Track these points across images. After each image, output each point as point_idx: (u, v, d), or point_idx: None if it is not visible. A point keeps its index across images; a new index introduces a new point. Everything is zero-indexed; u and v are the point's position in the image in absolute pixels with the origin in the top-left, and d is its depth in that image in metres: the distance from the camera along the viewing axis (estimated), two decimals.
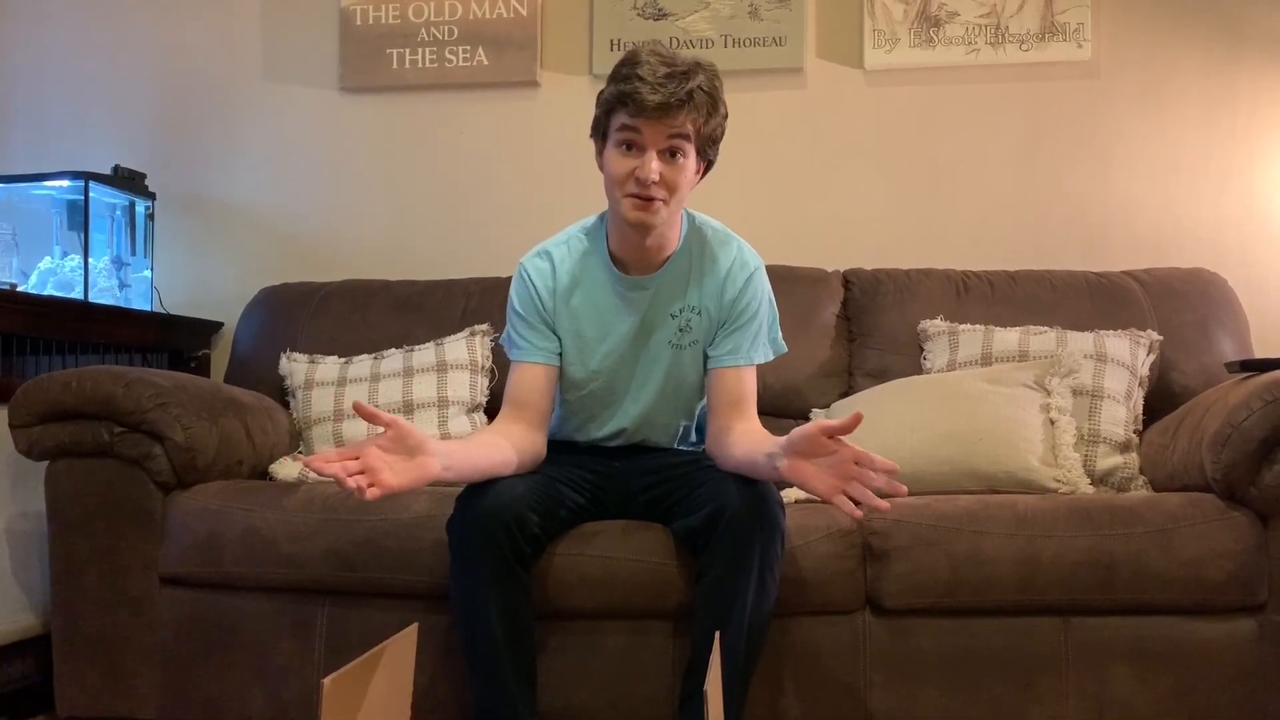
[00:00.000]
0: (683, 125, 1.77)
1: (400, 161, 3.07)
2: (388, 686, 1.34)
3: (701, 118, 1.78)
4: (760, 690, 1.86)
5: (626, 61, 1.79)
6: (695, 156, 1.83)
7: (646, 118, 1.76)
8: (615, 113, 1.80)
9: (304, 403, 2.49)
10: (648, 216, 1.82)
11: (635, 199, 1.81)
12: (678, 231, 1.93)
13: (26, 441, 2.10)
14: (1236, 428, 1.88)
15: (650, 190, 1.79)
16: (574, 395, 2.00)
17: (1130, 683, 1.89)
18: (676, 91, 1.74)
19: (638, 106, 1.75)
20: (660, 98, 1.73)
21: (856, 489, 1.59)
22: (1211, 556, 1.87)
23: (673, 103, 1.74)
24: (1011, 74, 2.87)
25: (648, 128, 1.77)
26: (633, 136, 1.79)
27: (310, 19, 3.09)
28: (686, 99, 1.75)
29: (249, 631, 2.04)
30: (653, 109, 1.74)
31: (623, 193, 1.82)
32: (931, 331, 2.50)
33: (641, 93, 1.74)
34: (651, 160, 1.78)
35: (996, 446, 2.15)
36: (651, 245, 1.89)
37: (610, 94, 1.80)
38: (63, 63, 3.18)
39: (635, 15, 2.95)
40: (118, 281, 2.85)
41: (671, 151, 1.79)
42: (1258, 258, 2.78)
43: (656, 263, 1.92)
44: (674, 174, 1.80)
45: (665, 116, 1.75)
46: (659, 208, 1.81)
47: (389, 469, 1.59)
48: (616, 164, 1.81)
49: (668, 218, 1.84)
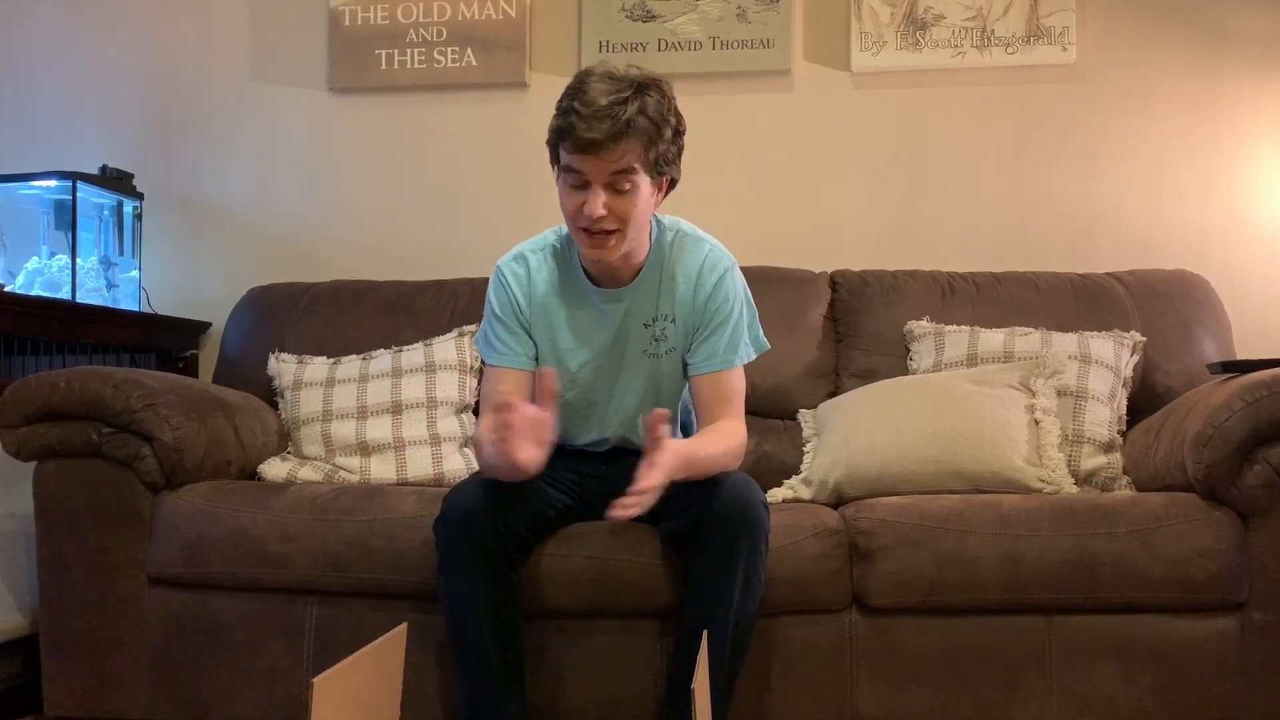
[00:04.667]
0: (622, 159, 1.71)
1: (389, 162, 3.07)
2: (377, 686, 1.35)
3: (641, 146, 1.72)
4: (747, 689, 1.87)
5: (569, 90, 1.74)
6: (649, 181, 1.77)
7: (584, 154, 1.71)
8: (561, 145, 1.75)
9: (292, 403, 2.49)
10: (603, 253, 1.79)
11: (587, 234, 1.78)
12: (646, 244, 1.90)
13: (14, 442, 2.10)
14: (1218, 428, 1.90)
15: (600, 225, 1.75)
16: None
17: (1113, 680, 1.90)
18: (614, 126, 1.68)
19: (575, 143, 1.70)
20: (595, 134, 1.68)
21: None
22: (1193, 555, 1.89)
23: (607, 139, 1.68)
24: (997, 77, 2.89)
25: (588, 164, 1.72)
26: (577, 175, 1.74)
27: (299, 19, 3.09)
28: (625, 130, 1.69)
29: (238, 631, 2.05)
30: (589, 145, 1.69)
31: (575, 227, 1.80)
32: (918, 332, 2.52)
33: (577, 129, 1.69)
34: (597, 197, 1.73)
35: (982, 447, 2.17)
36: (618, 264, 1.87)
37: (553, 126, 1.76)
38: (51, 62, 3.17)
39: (624, 17, 2.96)
40: (105, 282, 2.85)
41: (618, 185, 1.74)
42: (1240, 259, 2.81)
43: (627, 276, 1.90)
44: (624, 205, 1.75)
45: (603, 153, 1.70)
46: (613, 240, 1.78)
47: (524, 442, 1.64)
48: (566, 200, 1.78)
49: (627, 246, 1.81)
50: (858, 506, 2.04)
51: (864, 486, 2.18)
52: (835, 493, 2.22)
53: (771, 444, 2.48)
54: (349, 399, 2.45)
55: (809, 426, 2.46)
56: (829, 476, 2.23)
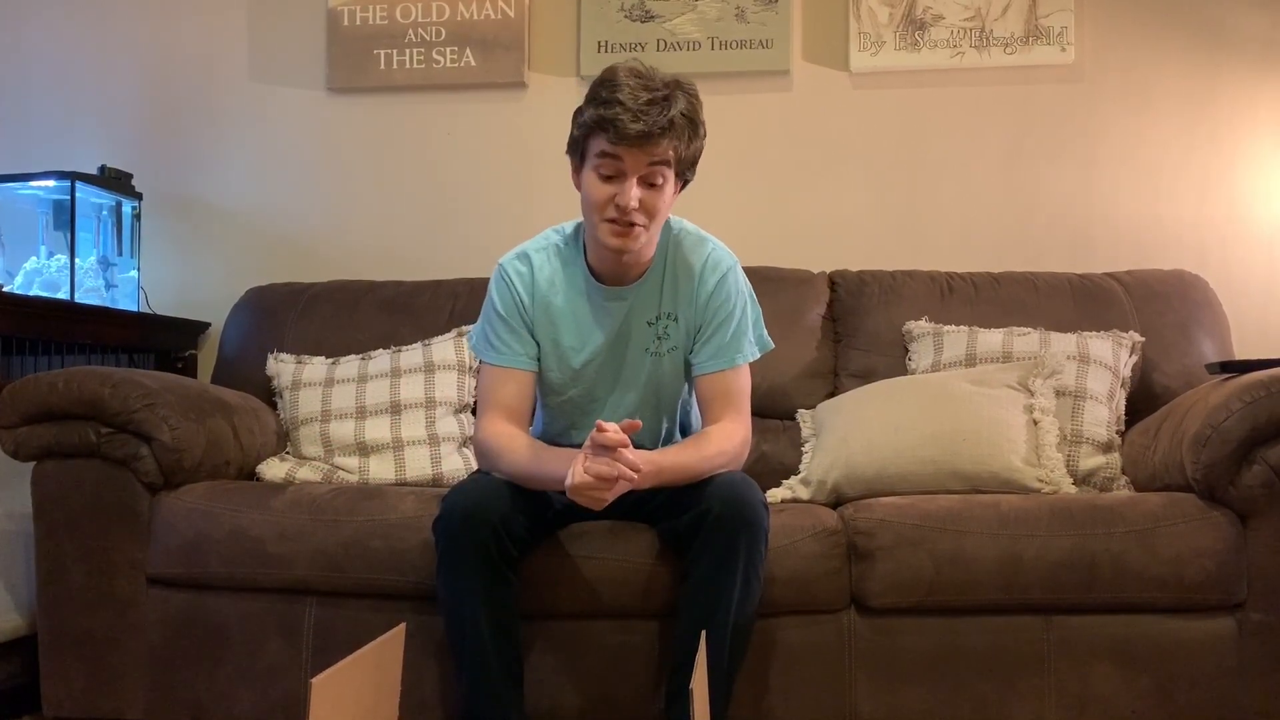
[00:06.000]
0: (664, 152, 1.76)
1: (388, 162, 3.07)
2: (375, 686, 1.35)
3: (683, 143, 1.77)
4: (745, 689, 1.87)
5: (605, 83, 1.76)
6: (674, 179, 1.81)
7: (628, 145, 1.74)
8: (594, 136, 1.77)
9: (291, 403, 2.49)
10: (627, 243, 1.81)
11: (614, 225, 1.79)
12: (654, 243, 1.92)
13: (13, 442, 2.10)
14: (1216, 428, 1.90)
15: (630, 217, 1.77)
16: (553, 401, 2.01)
17: (1112, 681, 1.91)
18: (659, 119, 1.72)
19: (619, 134, 1.72)
20: (642, 126, 1.71)
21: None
22: (1192, 556, 1.89)
23: (655, 131, 1.72)
24: (996, 77, 2.89)
25: (629, 155, 1.75)
26: (613, 163, 1.76)
27: (298, 19, 3.09)
28: (668, 126, 1.73)
29: (236, 632, 2.05)
30: (634, 137, 1.72)
31: (601, 218, 1.81)
32: (916, 332, 2.52)
33: (623, 120, 1.71)
34: (632, 188, 1.76)
35: (980, 447, 2.17)
36: (629, 260, 1.88)
37: (590, 118, 1.77)
38: (50, 63, 3.16)
39: (622, 17, 2.96)
40: (104, 282, 2.85)
41: (651, 178, 1.77)
42: (1238, 259, 2.81)
43: (634, 275, 1.92)
44: (654, 199, 1.79)
45: (647, 144, 1.74)
46: (639, 233, 1.80)
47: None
48: (595, 190, 1.80)
49: (647, 241, 1.84)
50: (856, 507, 2.04)
51: (862, 487, 2.18)
52: (834, 493, 2.22)
53: (770, 444, 2.49)
54: (348, 399, 2.45)
55: (807, 427, 2.46)
56: (827, 477, 2.23)
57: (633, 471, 1.68)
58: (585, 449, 1.72)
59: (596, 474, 1.68)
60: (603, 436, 1.68)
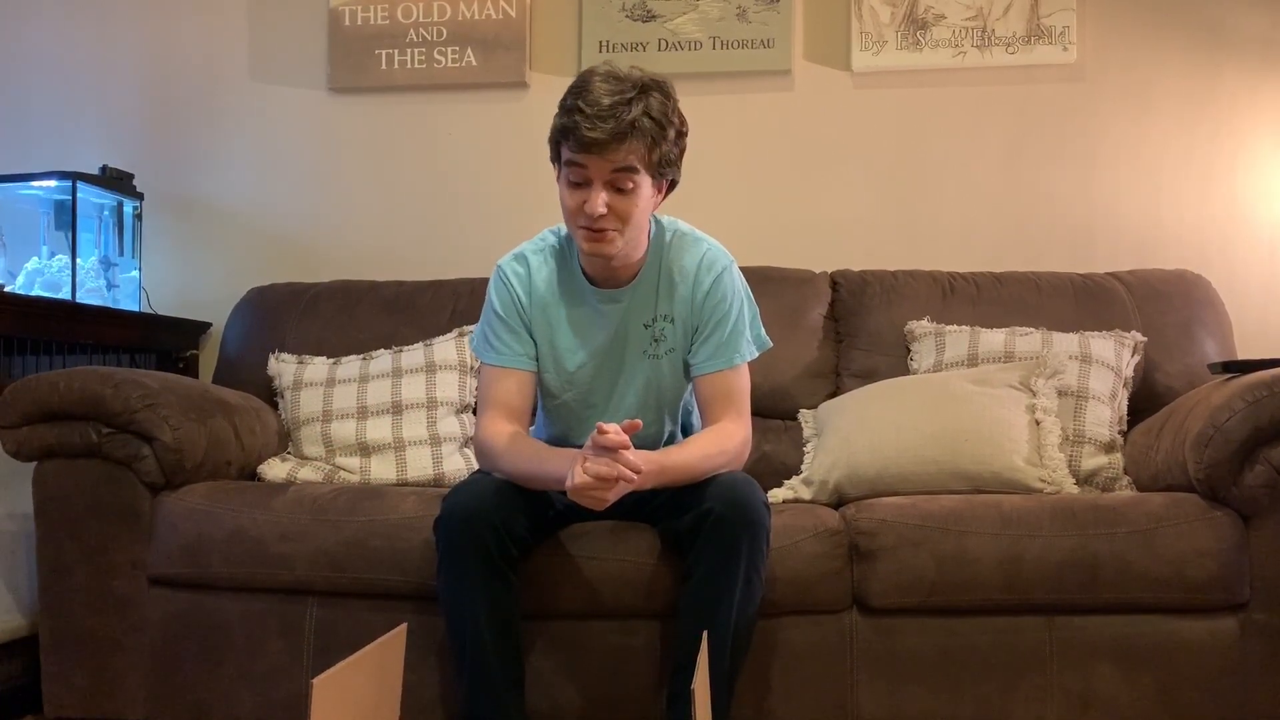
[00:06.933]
0: (625, 158, 1.73)
1: (389, 162, 3.07)
2: (377, 687, 1.35)
3: (645, 147, 1.74)
4: (747, 689, 1.87)
5: (573, 89, 1.76)
6: (650, 181, 1.79)
7: (588, 153, 1.72)
8: (562, 144, 1.77)
9: (292, 403, 2.49)
10: (602, 248, 1.80)
11: (587, 231, 1.79)
12: (644, 244, 1.91)
13: (14, 442, 2.10)
14: (1219, 428, 1.89)
15: (599, 224, 1.77)
16: (551, 403, 2.01)
17: (1114, 681, 1.90)
18: (617, 126, 1.70)
19: (578, 142, 1.72)
20: (599, 134, 1.70)
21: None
22: (1194, 556, 1.89)
23: (611, 138, 1.70)
24: (997, 77, 2.89)
25: (591, 162, 1.74)
26: (579, 170, 1.76)
27: (299, 19, 3.09)
28: (629, 130, 1.71)
29: (237, 632, 2.05)
30: (592, 144, 1.71)
31: (575, 225, 1.81)
32: (918, 332, 2.52)
33: (581, 127, 1.70)
34: (598, 194, 1.75)
35: (982, 447, 2.17)
36: (617, 264, 1.88)
37: (555, 125, 1.77)
38: (51, 63, 3.16)
39: (624, 17, 2.95)
40: (105, 282, 2.85)
41: (619, 183, 1.76)
42: (1240, 259, 2.81)
43: (626, 277, 1.91)
44: (624, 204, 1.77)
45: (607, 151, 1.72)
46: (613, 238, 1.79)
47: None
48: (566, 198, 1.80)
49: (625, 245, 1.83)
50: (858, 507, 2.04)
51: (864, 487, 2.18)
52: (836, 493, 2.22)
53: (772, 444, 2.48)
54: (349, 399, 2.45)
55: (809, 427, 2.46)
56: (829, 477, 2.23)
57: (633, 472, 1.68)
58: (586, 449, 1.71)
59: (596, 474, 1.67)
60: (603, 438, 1.67)
